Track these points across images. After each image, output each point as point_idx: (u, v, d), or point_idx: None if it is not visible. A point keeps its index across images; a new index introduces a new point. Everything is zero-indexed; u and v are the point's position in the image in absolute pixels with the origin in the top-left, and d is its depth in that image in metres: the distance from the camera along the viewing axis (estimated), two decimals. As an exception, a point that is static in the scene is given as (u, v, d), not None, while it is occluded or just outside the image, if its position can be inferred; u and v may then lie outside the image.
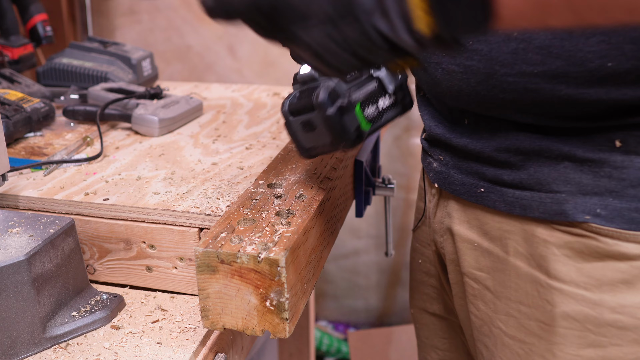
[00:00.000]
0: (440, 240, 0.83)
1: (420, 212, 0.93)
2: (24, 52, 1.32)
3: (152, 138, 1.03)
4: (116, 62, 1.30)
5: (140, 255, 0.77)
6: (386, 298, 2.18)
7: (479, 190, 0.73)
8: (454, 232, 0.79)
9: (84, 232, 0.78)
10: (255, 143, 0.99)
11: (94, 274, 0.80)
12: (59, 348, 0.67)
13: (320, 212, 0.72)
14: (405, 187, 1.98)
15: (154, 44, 1.97)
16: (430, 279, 0.92)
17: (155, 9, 1.94)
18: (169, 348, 0.66)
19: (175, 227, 0.75)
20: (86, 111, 1.08)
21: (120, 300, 0.73)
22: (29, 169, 0.88)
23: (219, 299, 0.62)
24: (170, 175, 0.86)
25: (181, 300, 0.76)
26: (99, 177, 0.86)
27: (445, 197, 0.81)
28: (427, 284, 0.93)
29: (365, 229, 2.07)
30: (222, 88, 1.37)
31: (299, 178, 0.77)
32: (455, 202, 0.78)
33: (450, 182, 0.77)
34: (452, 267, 0.81)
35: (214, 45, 1.93)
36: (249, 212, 0.68)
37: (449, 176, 0.78)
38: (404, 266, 2.10)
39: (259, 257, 0.59)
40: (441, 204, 0.82)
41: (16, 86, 1.19)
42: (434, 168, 0.81)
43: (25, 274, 0.64)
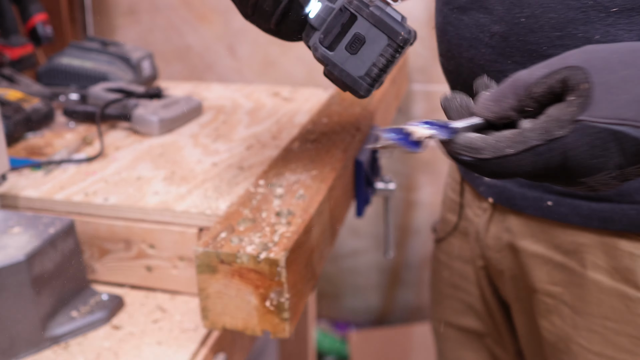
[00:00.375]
0: (496, 257, 0.80)
1: (449, 225, 0.89)
2: (24, 52, 1.32)
3: (152, 138, 1.03)
4: (116, 62, 1.30)
5: (140, 255, 0.77)
6: (386, 298, 2.18)
7: (545, 204, 0.70)
8: (517, 248, 0.75)
9: (84, 232, 0.78)
10: (255, 143, 0.99)
11: (94, 274, 0.79)
12: (58, 348, 0.67)
13: (320, 212, 0.72)
14: (405, 187, 1.98)
15: (154, 44, 1.96)
16: (459, 292, 0.90)
17: (155, 9, 1.94)
18: (169, 348, 0.66)
19: (175, 227, 0.75)
20: (86, 111, 1.08)
21: (120, 300, 0.73)
22: (29, 169, 0.88)
23: (219, 299, 0.62)
24: (170, 175, 0.86)
25: (181, 300, 0.76)
26: (99, 177, 0.86)
27: (502, 212, 0.77)
28: (455, 298, 0.91)
29: (365, 229, 2.07)
30: (222, 88, 1.37)
31: (299, 178, 0.77)
32: (516, 217, 0.75)
33: (509, 197, 0.74)
34: (513, 284, 0.78)
35: (214, 45, 1.93)
36: (249, 212, 0.68)
37: (506, 190, 0.74)
38: (404, 266, 2.10)
39: (259, 257, 0.59)
40: (496, 219, 0.78)
41: (16, 86, 1.19)
42: (485, 182, 0.77)
43: (25, 274, 0.64)
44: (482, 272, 0.85)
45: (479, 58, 0.70)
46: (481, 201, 0.81)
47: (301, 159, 0.84)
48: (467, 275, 0.88)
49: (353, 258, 2.13)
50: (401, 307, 2.17)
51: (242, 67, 1.93)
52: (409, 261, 2.09)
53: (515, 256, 0.77)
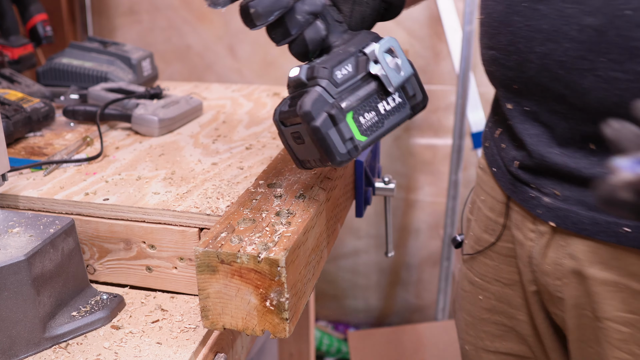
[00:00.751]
0: (555, 284, 0.74)
1: (482, 244, 0.84)
2: (24, 52, 1.33)
3: (152, 138, 1.03)
4: (116, 62, 1.30)
5: (140, 255, 0.77)
6: (386, 298, 2.18)
7: (621, 230, 0.65)
8: (585, 275, 0.70)
9: (84, 232, 0.78)
10: (255, 143, 0.99)
11: (94, 274, 0.80)
12: (59, 348, 0.67)
13: (320, 212, 0.72)
14: (405, 187, 1.98)
15: (154, 44, 1.97)
16: (498, 316, 0.85)
17: (155, 9, 1.94)
18: (169, 348, 0.66)
19: (175, 227, 0.75)
20: (86, 111, 1.08)
21: (120, 300, 0.73)
22: (29, 169, 0.88)
23: (219, 299, 0.62)
24: (170, 175, 0.86)
25: (181, 300, 0.76)
26: (99, 177, 0.86)
27: (564, 237, 0.71)
28: (491, 321, 0.86)
29: (365, 229, 2.07)
30: (222, 88, 1.37)
31: (299, 178, 0.77)
32: (582, 242, 0.69)
33: (576, 221, 0.68)
34: (575, 312, 0.73)
35: (214, 45, 1.93)
36: (249, 212, 0.68)
37: (571, 213, 0.69)
38: (404, 266, 2.10)
39: (259, 257, 0.59)
40: (556, 244, 0.72)
41: (16, 86, 1.19)
42: (545, 204, 0.71)
43: (25, 274, 0.64)
44: (535, 297, 0.79)
45: (559, 54, 0.63)
46: (537, 224, 0.74)
47: (301, 159, 0.84)
48: (509, 299, 0.82)
49: (353, 258, 2.13)
50: (401, 307, 2.17)
51: (242, 67, 1.93)
52: (409, 261, 2.09)
53: (581, 283, 0.71)
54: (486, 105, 1.77)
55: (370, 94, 0.61)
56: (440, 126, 1.87)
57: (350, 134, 0.59)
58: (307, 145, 0.61)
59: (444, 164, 1.90)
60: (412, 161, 1.95)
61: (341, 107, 0.59)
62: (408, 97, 0.64)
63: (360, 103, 0.61)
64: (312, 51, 0.65)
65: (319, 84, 0.60)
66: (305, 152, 0.63)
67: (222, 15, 1.89)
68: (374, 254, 2.11)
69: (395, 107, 0.63)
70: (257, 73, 1.92)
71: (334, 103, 0.59)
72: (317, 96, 0.58)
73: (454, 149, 1.76)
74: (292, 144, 0.64)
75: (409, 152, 1.94)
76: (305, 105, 0.58)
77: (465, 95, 1.69)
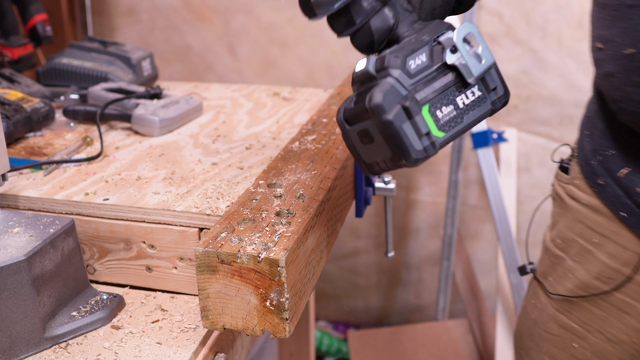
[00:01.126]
0: None
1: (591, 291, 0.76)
2: (24, 52, 1.33)
3: (152, 138, 1.03)
4: (116, 62, 1.30)
5: (140, 255, 0.77)
6: (386, 298, 2.18)
7: None
8: None
9: (84, 232, 0.78)
10: (255, 143, 0.99)
11: (94, 274, 0.80)
12: (59, 348, 0.67)
13: (320, 212, 0.72)
14: (405, 187, 1.98)
15: (154, 44, 1.97)
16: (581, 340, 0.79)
17: (155, 9, 1.94)
18: (169, 348, 0.66)
19: (175, 227, 0.75)
20: (86, 111, 1.08)
21: (120, 300, 0.73)
22: (29, 169, 0.88)
23: (219, 299, 0.62)
24: (170, 175, 0.86)
25: (181, 300, 0.76)
26: (99, 177, 0.86)
27: None
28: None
29: (365, 229, 2.07)
30: (222, 88, 1.37)
31: (299, 178, 0.77)
32: None
33: None
34: None
35: (214, 45, 1.93)
36: (249, 212, 0.68)
37: None
38: (404, 266, 2.10)
39: (259, 257, 0.59)
40: None
41: (16, 86, 1.19)
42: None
43: (25, 274, 0.64)
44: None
45: None
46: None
47: (301, 159, 0.84)
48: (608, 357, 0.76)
49: (353, 258, 2.13)
50: (401, 307, 2.17)
51: (242, 67, 1.93)
52: (409, 261, 2.09)
53: None
54: (486, 105, 1.77)
55: (447, 85, 0.55)
56: (440, 126, 1.87)
57: (427, 129, 0.54)
58: (376, 144, 0.56)
59: (444, 164, 1.90)
60: (412, 161, 1.95)
61: (416, 99, 0.53)
62: (488, 91, 0.57)
63: (437, 96, 0.55)
64: (378, 41, 0.59)
65: (390, 74, 0.54)
66: (374, 152, 0.57)
67: (222, 15, 1.89)
68: (374, 254, 2.11)
69: (475, 100, 0.57)
70: (257, 73, 1.92)
71: (408, 95, 0.53)
72: (389, 87, 0.53)
73: (454, 149, 1.76)
74: (358, 145, 0.58)
75: (409, 152, 1.94)
76: (376, 98, 0.53)
77: (465, 95, 1.69)
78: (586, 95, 1.69)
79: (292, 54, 1.83)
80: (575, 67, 1.67)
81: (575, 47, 1.65)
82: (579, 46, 1.65)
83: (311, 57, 1.82)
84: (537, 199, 1.82)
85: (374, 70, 0.55)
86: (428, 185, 1.96)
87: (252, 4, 1.85)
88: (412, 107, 0.53)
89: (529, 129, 1.77)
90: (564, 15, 1.65)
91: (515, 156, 1.78)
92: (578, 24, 1.63)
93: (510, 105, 1.76)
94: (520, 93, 1.75)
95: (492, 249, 1.93)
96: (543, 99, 1.73)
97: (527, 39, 1.69)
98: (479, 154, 1.72)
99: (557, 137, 1.75)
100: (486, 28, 1.71)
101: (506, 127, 1.79)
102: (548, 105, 1.73)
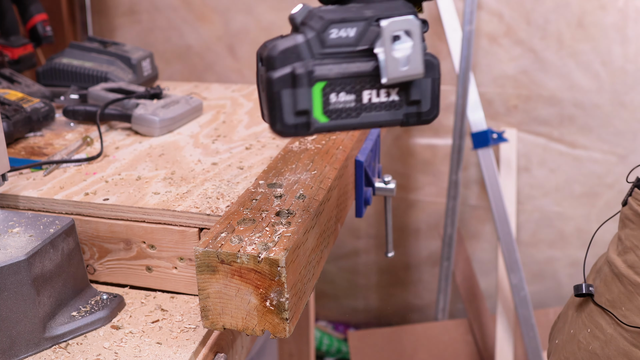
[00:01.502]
0: None
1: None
2: (24, 52, 1.33)
3: (152, 138, 1.03)
4: (116, 62, 1.30)
5: (140, 255, 0.77)
6: (386, 298, 2.18)
7: None
8: None
9: (84, 232, 0.78)
10: (255, 143, 0.99)
11: (94, 274, 0.80)
12: (59, 348, 0.67)
13: (320, 212, 0.72)
14: (405, 187, 1.98)
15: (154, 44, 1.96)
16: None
17: (155, 9, 1.94)
18: (169, 348, 0.66)
19: (175, 227, 0.75)
20: (86, 111, 1.08)
21: (120, 300, 0.73)
22: (29, 169, 0.88)
23: (219, 299, 0.62)
24: (170, 175, 0.86)
25: (181, 300, 0.76)
26: (99, 177, 0.86)
27: None
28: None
29: (365, 229, 2.07)
30: (222, 88, 1.37)
31: (299, 178, 0.77)
32: None
33: None
34: None
35: (214, 45, 1.93)
36: (249, 212, 0.68)
37: None
38: (404, 266, 2.10)
39: (259, 257, 0.59)
40: None
41: (16, 86, 1.19)
42: None
43: (25, 274, 0.64)
44: None
45: None
46: None
47: (301, 159, 0.84)
48: None
49: (353, 258, 2.13)
50: (401, 307, 2.17)
51: (242, 67, 1.93)
52: (409, 261, 2.09)
53: None
54: (486, 105, 1.77)
55: (361, 73, 0.50)
56: (440, 126, 1.87)
57: (306, 106, 0.49)
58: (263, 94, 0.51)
59: (444, 164, 1.90)
60: (412, 161, 1.95)
61: (312, 70, 0.48)
62: (408, 101, 0.51)
63: (343, 78, 0.49)
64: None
65: (304, 32, 0.49)
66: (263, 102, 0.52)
67: (222, 15, 1.89)
68: (373, 254, 2.11)
69: (386, 104, 0.51)
70: (257, 73, 1.92)
71: (308, 62, 0.48)
72: (292, 45, 0.48)
73: (454, 149, 1.76)
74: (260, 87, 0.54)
75: (408, 152, 1.94)
76: (273, 49, 0.48)
77: (466, 95, 1.69)
78: (586, 95, 1.69)
79: (292, 54, 1.84)
80: (575, 67, 1.67)
81: (575, 47, 1.65)
82: (579, 46, 1.65)
83: (311, 57, 1.82)
84: (537, 199, 1.82)
85: (299, 20, 0.51)
86: (428, 185, 1.96)
87: (252, 4, 1.84)
88: (302, 77, 0.48)
89: (529, 129, 1.77)
90: (564, 15, 1.65)
91: (515, 156, 1.78)
92: (578, 24, 1.63)
93: (510, 105, 1.76)
94: (520, 93, 1.75)
95: (492, 249, 1.93)
96: (543, 99, 1.73)
97: (527, 39, 1.69)
98: (479, 154, 1.72)
99: (557, 137, 1.75)
100: (486, 28, 1.71)
101: (506, 127, 1.79)
102: (548, 105, 1.73)
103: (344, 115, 0.50)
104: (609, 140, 1.71)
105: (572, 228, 1.82)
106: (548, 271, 1.89)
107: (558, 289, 1.90)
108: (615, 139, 1.70)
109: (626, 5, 1.59)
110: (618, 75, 1.64)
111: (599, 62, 1.64)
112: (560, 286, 1.90)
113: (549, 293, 1.91)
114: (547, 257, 1.88)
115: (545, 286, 1.91)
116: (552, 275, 1.89)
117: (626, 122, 1.68)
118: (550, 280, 1.90)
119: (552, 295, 1.91)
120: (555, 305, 1.89)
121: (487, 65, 1.75)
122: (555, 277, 1.89)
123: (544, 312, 1.84)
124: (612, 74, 1.64)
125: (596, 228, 0.87)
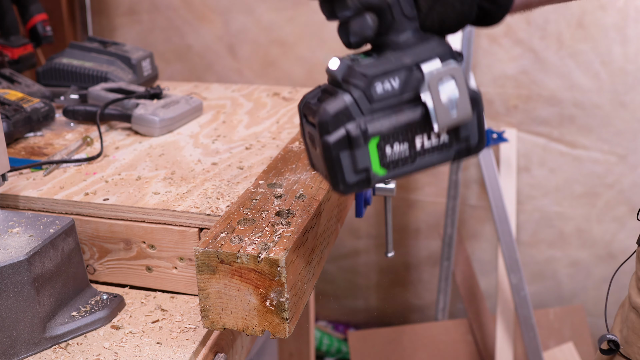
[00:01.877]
0: None
1: None
2: (24, 52, 1.32)
3: (152, 138, 1.03)
4: (116, 62, 1.30)
5: (140, 255, 0.77)
6: (386, 298, 2.18)
7: None
8: None
9: (84, 232, 0.78)
10: (255, 143, 0.99)
11: (94, 274, 0.80)
12: (59, 348, 0.67)
13: (320, 212, 0.72)
14: (405, 187, 1.98)
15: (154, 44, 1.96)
16: None
17: (155, 9, 1.94)
18: (169, 348, 0.66)
19: (175, 227, 0.75)
20: (86, 111, 1.08)
21: (120, 300, 0.73)
22: (29, 169, 0.88)
23: (219, 299, 0.62)
24: (170, 175, 0.86)
25: (181, 300, 0.76)
26: (99, 177, 0.86)
27: None
28: None
29: (365, 229, 2.07)
30: (222, 88, 1.37)
31: (299, 178, 0.77)
32: None
33: None
34: None
35: (214, 45, 1.93)
36: (249, 212, 0.68)
37: None
38: (404, 266, 2.10)
39: (259, 257, 0.59)
40: None
41: (16, 86, 1.19)
42: None
43: (25, 274, 0.64)
44: None
45: None
46: None
47: (301, 159, 0.84)
48: None
49: (353, 258, 2.13)
50: (401, 307, 2.17)
51: (242, 67, 1.93)
52: (409, 261, 2.09)
53: None
54: (486, 105, 1.77)
55: (411, 122, 0.50)
56: (440, 126, 1.87)
57: (365, 164, 0.49)
58: (318, 154, 0.52)
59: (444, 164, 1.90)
60: (412, 161, 1.95)
61: (366, 129, 0.49)
62: (458, 139, 0.51)
63: (395, 130, 0.49)
64: (356, 44, 0.53)
65: (350, 92, 0.49)
66: (317, 159, 0.53)
67: (222, 15, 1.89)
68: (374, 254, 2.11)
69: (437, 146, 0.51)
70: (257, 73, 1.92)
71: (360, 122, 0.48)
72: (342, 107, 0.48)
73: (454, 149, 1.76)
74: (308, 142, 0.55)
75: (409, 152, 1.94)
76: (325, 114, 0.49)
77: (465, 95, 1.69)
78: (586, 95, 1.69)
79: (292, 54, 1.83)
80: (575, 67, 1.67)
81: (575, 47, 1.65)
82: (579, 46, 1.65)
83: (311, 57, 1.82)
84: (537, 199, 1.82)
85: (340, 77, 0.51)
86: (428, 185, 1.96)
87: (252, 4, 1.84)
88: (357, 138, 0.48)
89: (529, 129, 1.77)
90: (564, 15, 1.65)
91: (515, 156, 1.78)
92: (578, 24, 1.63)
93: (510, 105, 1.76)
94: (520, 93, 1.75)
95: (492, 249, 1.93)
96: (543, 99, 1.73)
97: (527, 39, 1.69)
98: (479, 154, 1.72)
99: (557, 137, 1.75)
100: (486, 28, 1.71)
101: (506, 127, 1.79)
102: (548, 105, 1.73)
103: (401, 164, 0.51)
104: (609, 140, 1.70)
105: (572, 228, 1.82)
106: (548, 271, 1.89)
107: (558, 289, 1.90)
108: (615, 139, 1.70)
109: (626, 5, 1.59)
110: (618, 75, 1.64)
111: (599, 62, 1.64)
112: (560, 286, 1.90)
113: (549, 293, 1.91)
114: (547, 257, 1.87)
115: (545, 286, 1.91)
116: (552, 275, 1.89)
117: (626, 122, 1.67)
118: (550, 280, 1.90)
119: (552, 295, 1.91)
120: (555, 305, 1.90)
121: (487, 65, 1.75)
122: (555, 277, 1.89)
123: (544, 312, 1.84)
124: (612, 74, 1.64)
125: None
